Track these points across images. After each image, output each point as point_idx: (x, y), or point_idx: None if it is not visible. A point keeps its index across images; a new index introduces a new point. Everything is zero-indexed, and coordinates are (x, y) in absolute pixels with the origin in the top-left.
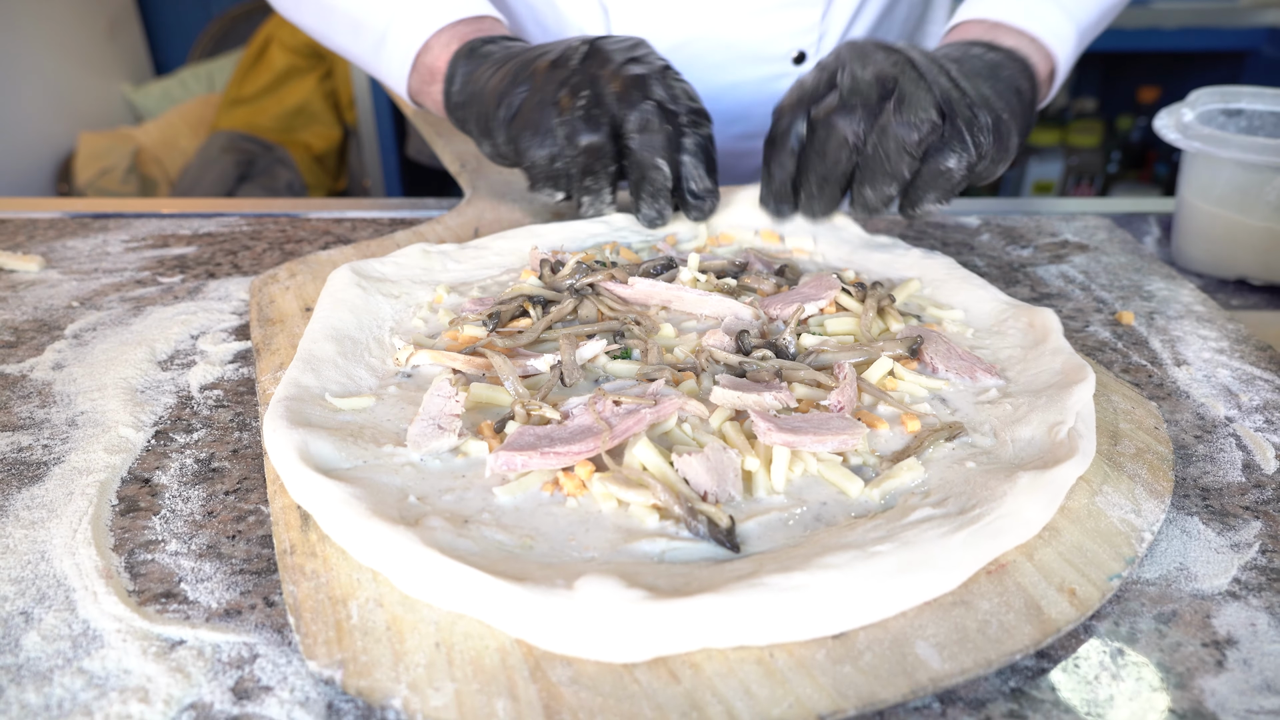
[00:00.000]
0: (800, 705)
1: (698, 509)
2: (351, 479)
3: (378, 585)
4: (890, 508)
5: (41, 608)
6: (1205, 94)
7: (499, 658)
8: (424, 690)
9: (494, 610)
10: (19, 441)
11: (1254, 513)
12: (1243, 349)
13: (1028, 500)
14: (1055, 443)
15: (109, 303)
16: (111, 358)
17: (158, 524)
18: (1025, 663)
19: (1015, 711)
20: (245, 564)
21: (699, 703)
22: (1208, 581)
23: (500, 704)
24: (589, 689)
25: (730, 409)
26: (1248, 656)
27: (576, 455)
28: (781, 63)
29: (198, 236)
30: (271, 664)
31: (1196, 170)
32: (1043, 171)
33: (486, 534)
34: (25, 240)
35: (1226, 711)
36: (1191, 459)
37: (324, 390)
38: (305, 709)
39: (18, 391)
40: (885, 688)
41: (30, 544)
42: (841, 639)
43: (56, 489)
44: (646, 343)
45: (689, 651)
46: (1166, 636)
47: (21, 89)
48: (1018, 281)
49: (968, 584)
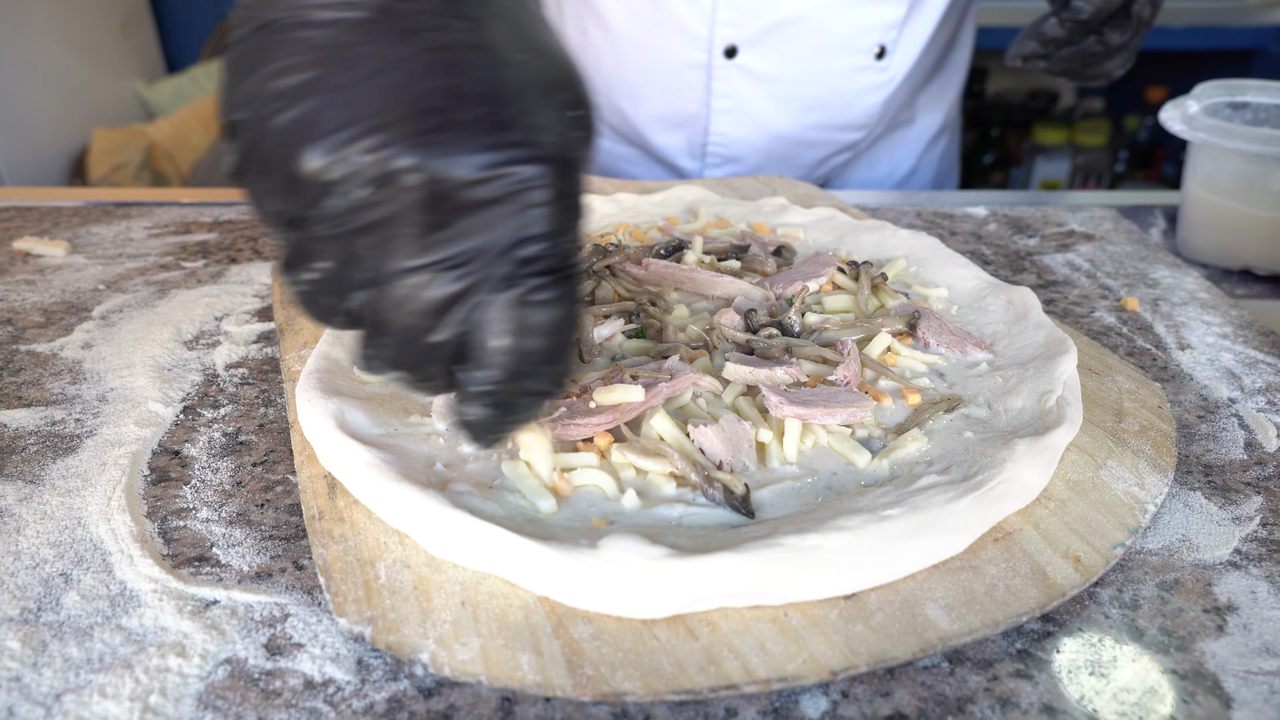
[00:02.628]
0: (813, 661)
1: (714, 476)
2: (382, 445)
3: (404, 548)
4: (897, 476)
5: (80, 569)
6: (1211, 87)
7: (523, 615)
8: (451, 645)
9: (520, 569)
10: (52, 415)
11: (1255, 488)
12: (1246, 334)
13: (1026, 465)
14: (1045, 410)
15: (134, 286)
16: (139, 337)
17: (188, 493)
18: (1031, 625)
19: (1022, 671)
20: (274, 530)
21: (716, 657)
22: (1209, 552)
23: (524, 658)
24: (610, 644)
25: (743, 384)
26: (1248, 621)
27: (597, 427)
28: (865, 55)
29: (218, 224)
30: (303, 622)
31: (1202, 161)
32: (1050, 170)
33: (511, 499)
34: (51, 227)
35: (1226, 672)
36: (1195, 437)
37: (352, 363)
38: (336, 664)
39: (49, 369)
40: (896, 646)
41: (67, 511)
42: (853, 599)
43: (90, 460)
44: (661, 322)
45: (706, 610)
46: (1169, 603)
47: (36, 86)
48: (1024, 269)
49: (975, 550)
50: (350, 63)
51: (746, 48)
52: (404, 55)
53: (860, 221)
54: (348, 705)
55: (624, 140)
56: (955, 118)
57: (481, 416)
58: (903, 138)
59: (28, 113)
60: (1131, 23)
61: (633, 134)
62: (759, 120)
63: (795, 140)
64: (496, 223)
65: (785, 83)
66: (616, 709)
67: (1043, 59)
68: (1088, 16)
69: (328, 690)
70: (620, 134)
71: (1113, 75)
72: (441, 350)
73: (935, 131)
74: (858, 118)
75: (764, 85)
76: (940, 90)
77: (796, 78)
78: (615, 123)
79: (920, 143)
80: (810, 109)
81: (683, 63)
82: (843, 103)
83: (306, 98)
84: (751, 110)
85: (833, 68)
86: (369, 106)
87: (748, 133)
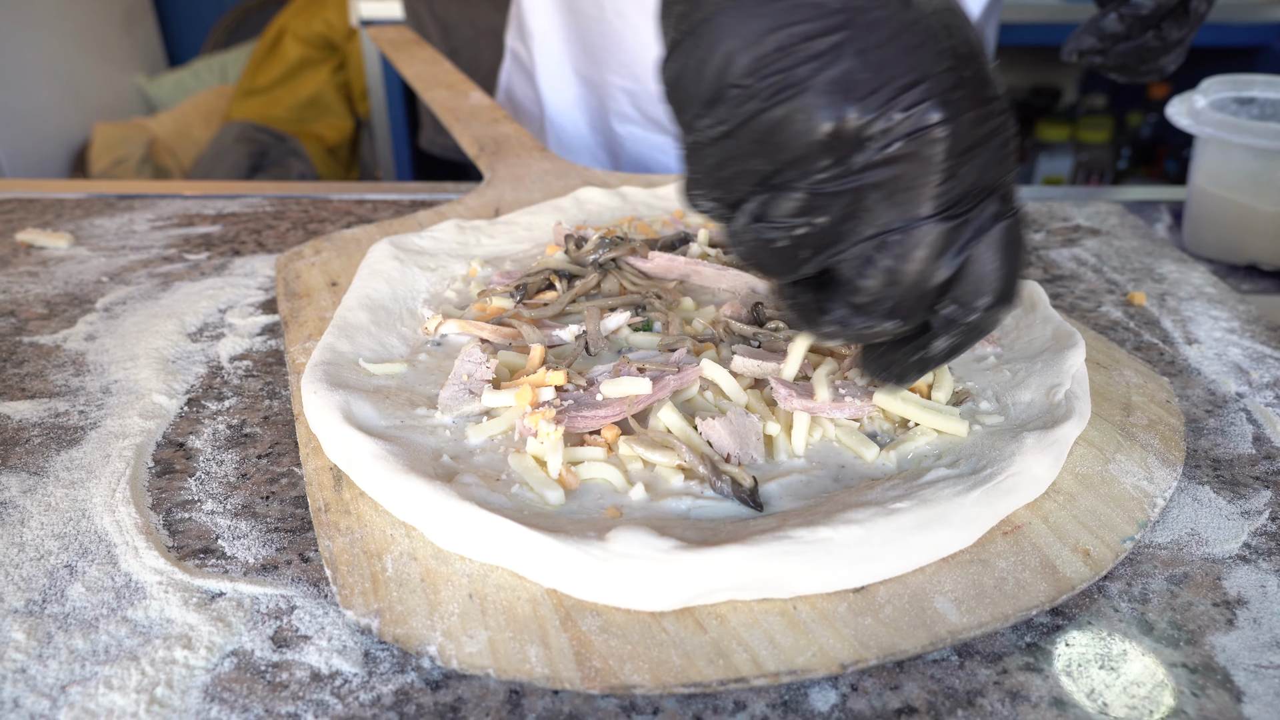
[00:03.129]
0: (823, 654)
1: (722, 469)
2: (388, 438)
3: (411, 540)
4: (905, 470)
5: (84, 561)
6: (1217, 82)
7: (531, 608)
8: (458, 638)
9: (528, 561)
10: (55, 407)
11: (1264, 482)
12: (1254, 329)
13: (1035, 459)
14: (1053, 404)
15: (137, 278)
16: (142, 329)
17: (193, 485)
18: (1041, 619)
19: (1031, 664)
20: (280, 523)
21: (725, 650)
22: (1218, 546)
23: (532, 651)
24: (618, 637)
25: (751, 377)
26: (1258, 615)
27: (604, 419)
28: None
29: (222, 216)
30: (309, 615)
31: (1208, 156)
32: (1053, 167)
33: (518, 491)
34: (53, 219)
35: (1236, 666)
36: (1203, 432)
37: (358, 356)
38: (343, 656)
39: (52, 360)
40: (905, 639)
41: (71, 502)
42: (862, 593)
43: (94, 451)
44: (668, 315)
45: (715, 603)
46: (1178, 596)
47: (37, 80)
48: (1030, 264)
49: (984, 544)
50: (870, 27)
51: None
52: (911, 19)
53: None
54: (355, 697)
55: (656, 128)
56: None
57: (949, 346)
58: None
59: (29, 107)
60: (1190, 17)
61: (663, 122)
62: None
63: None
64: (988, 167)
65: None
66: (625, 702)
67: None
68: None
69: (335, 682)
70: (652, 121)
71: (1165, 71)
72: (936, 292)
73: None
74: None
75: None
76: None
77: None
78: (649, 110)
79: None
80: None
81: None
82: None
83: (842, 59)
84: None
85: None
86: (898, 68)
87: None
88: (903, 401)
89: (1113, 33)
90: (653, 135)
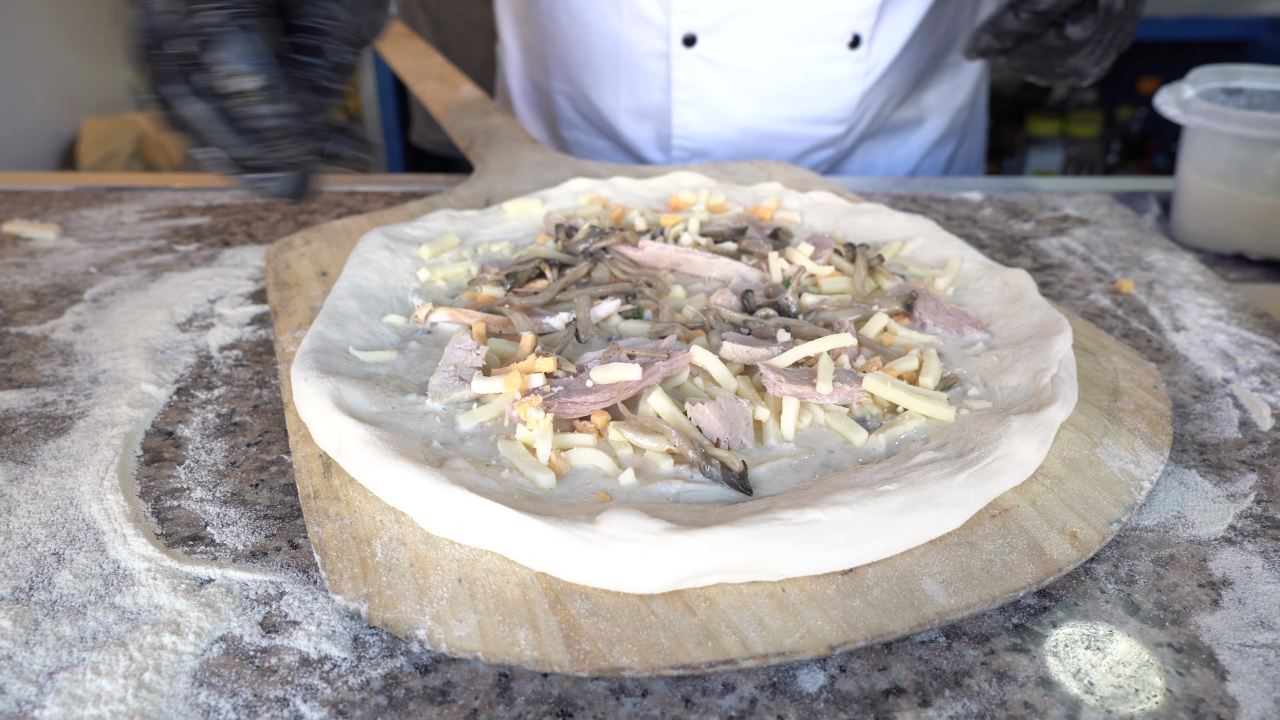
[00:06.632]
0: (811, 636)
1: (711, 453)
2: (378, 424)
3: (400, 525)
4: (894, 453)
5: (72, 549)
6: (1205, 72)
7: (520, 591)
8: (448, 621)
9: (518, 545)
10: (43, 397)
11: (1249, 466)
12: (1240, 315)
13: (1022, 442)
14: (1039, 388)
15: (126, 269)
16: (131, 320)
17: (182, 473)
18: (1028, 600)
19: (1018, 645)
20: (269, 510)
21: (714, 632)
22: (1204, 528)
23: (522, 634)
24: (607, 620)
25: (740, 363)
26: (1242, 596)
27: (594, 405)
28: (837, 44)
29: (211, 208)
30: (298, 600)
31: (1196, 146)
32: (1042, 161)
33: (508, 476)
34: (41, 210)
35: (1221, 645)
36: (1190, 417)
37: (348, 344)
38: (332, 641)
39: (40, 351)
40: (893, 620)
41: (59, 491)
42: (851, 575)
43: (82, 440)
44: (658, 303)
45: (704, 586)
46: (1164, 578)
47: (26, 74)
48: (1019, 253)
49: (972, 526)
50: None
51: (705, 36)
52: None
53: (856, 205)
54: (344, 682)
55: (597, 132)
56: (969, 123)
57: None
58: (905, 139)
59: (17, 102)
60: (1097, 16)
61: (604, 125)
62: (722, 112)
63: (765, 134)
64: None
65: (748, 73)
66: (614, 684)
67: (1001, 54)
68: (1046, 7)
69: (324, 667)
70: (594, 125)
71: (1085, 74)
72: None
73: (939, 135)
74: (833, 110)
75: (725, 75)
76: (951, 90)
77: (759, 67)
78: (587, 113)
79: (922, 146)
80: (777, 100)
81: (643, 51)
82: (815, 94)
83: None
84: (714, 101)
85: (799, 57)
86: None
87: (712, 125)
88: (891, 387)
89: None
90: (595, 140)
